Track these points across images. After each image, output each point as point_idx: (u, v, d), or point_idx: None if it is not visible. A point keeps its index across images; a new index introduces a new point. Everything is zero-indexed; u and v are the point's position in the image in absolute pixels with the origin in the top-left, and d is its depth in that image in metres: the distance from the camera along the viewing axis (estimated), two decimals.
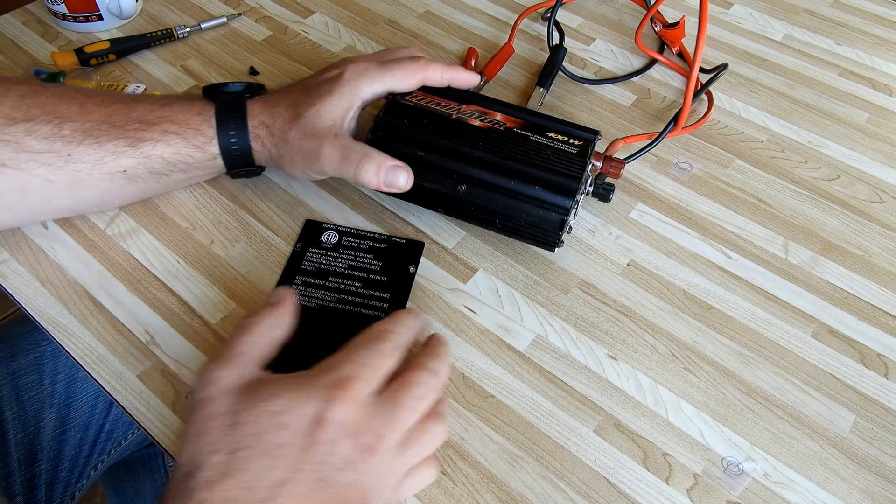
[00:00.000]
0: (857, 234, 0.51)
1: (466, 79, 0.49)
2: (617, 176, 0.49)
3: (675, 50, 0.65)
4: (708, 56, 0.65)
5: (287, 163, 0.45)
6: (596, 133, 0.47)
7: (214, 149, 0.45)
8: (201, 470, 0.28)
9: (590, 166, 0.45)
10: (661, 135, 0.53)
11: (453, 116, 0.47)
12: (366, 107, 0.47)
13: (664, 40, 0.66)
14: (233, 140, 0.45)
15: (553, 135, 0.46)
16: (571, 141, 0.46)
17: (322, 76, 0.47)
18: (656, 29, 0.67)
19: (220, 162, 0.46)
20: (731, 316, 0.46)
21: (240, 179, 0.51)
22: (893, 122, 0.60)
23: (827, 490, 0.38)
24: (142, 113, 0.44)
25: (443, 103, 0.48)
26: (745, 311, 0.46)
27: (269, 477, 0.29)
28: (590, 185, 0.47)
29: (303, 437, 0.30)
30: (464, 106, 0.48)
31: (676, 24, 0.64)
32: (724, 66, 0.61)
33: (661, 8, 0.70)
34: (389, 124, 0.46)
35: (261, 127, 0.45)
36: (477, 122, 0.46)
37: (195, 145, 0.44)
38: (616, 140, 0.53)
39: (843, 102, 0.62)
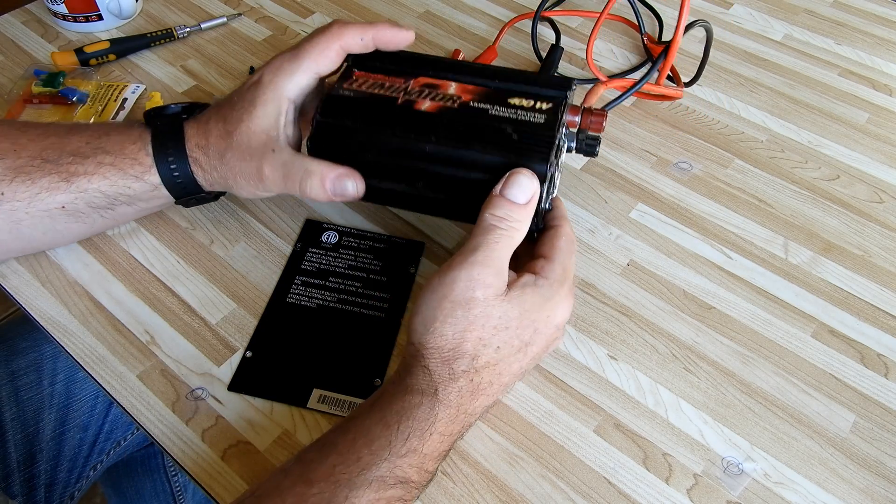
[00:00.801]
0: (857, 234, 0.51)
1: (394, 36, 0.41)
2: (599, 130, 0.43)
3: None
4: (696, 53, 0.65)
5: (232, 185, 0.42)
6: (567, 87, 0.41)
7: (155, 178, 0.41)
8: (476, 359, 0.35)
9: (560, 134, 0.39)
10: (648, 74, 0.52)
11: (399, 101, 0.40)
12: (305, 105, 0.43)
13: (651, 52, 0.64)
14: (173, 168, 0.41)
15: (517, 100, 0.40)
16: (539, 105, 0.40)
17: (246, 83, 0.42)
18: (644, 40, 0.65)
19: (165, 192, 0.42)
20: (731, 316, 0.46)
21: None
22: (893, 122, 0.60)
23: (827, 490, 0.38)
24: (77, 145, 0.41)
25: (387, 83, 0.41)
26: (745, 311, 0.46)
27: (516, 367, 0.37)
28: (571, 143, 0.43)
29: (547, 338, 0.38)
30: (412, 81, 0.41)
31: (664, 42, 0.62)
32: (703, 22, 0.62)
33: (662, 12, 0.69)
34: (327, 128, 0.40)
35: (196, 150, 0.41)
36: (427, 104, 0.40)
37: (133, 176, 0.41)
38: (595, 86, 0.48)
39: (843, 102, 0.62)
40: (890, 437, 0.41)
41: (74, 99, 0.56)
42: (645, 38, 0.65)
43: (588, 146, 0.43)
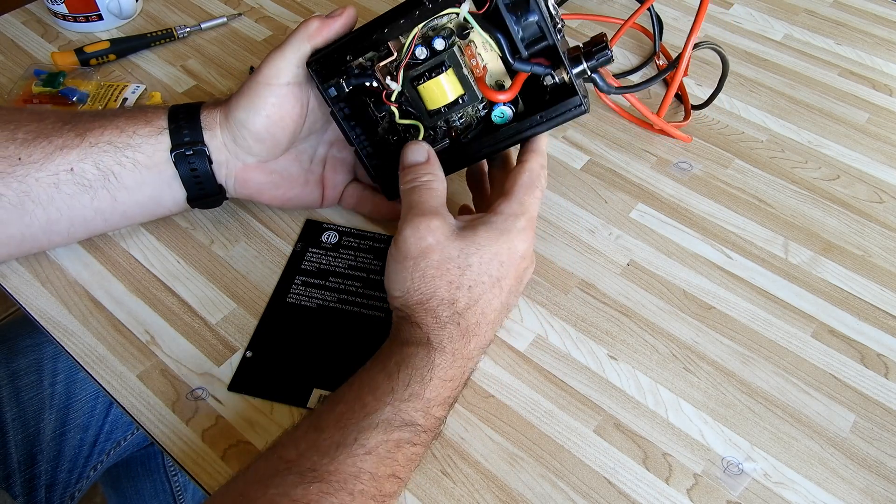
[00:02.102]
0: (857, 234, 0.51)
1: (340, 24, 0.42)
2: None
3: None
4: (707, 58, 0.65)
5: (244, 98, 0.42)
6: None
7: (163, 122, 0.42)
8: (455, 303, 0.37)
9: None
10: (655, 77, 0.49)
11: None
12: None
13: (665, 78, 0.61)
14: (181, 119, 0.43)
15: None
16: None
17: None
18: (659, 62, 0.63)
19: (167, 144, 0.42)
20: (731, 316, 0.46)
21: None
22: (893, 122, 0.60)
23: (827, 490, 0.38)
24: (100, 111, 0.44)
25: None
26: (745, 311, 0.46)
27: (496, 303, 0.39)
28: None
29: (516, 270, 0.39)
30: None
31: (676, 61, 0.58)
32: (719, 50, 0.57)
33: (673, 24, 0.69)
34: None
35: (205, 111, 0.43)
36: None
37: (144, 120, 0.42)
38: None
39: (843, 102, 0.62)
40: (890, 437, 0.41)
41: (74, 99, 0.56)
42: (657, 60, 0.63)
43: (598, 53, 0.39)
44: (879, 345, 0.45)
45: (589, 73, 0.39)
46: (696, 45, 0.53)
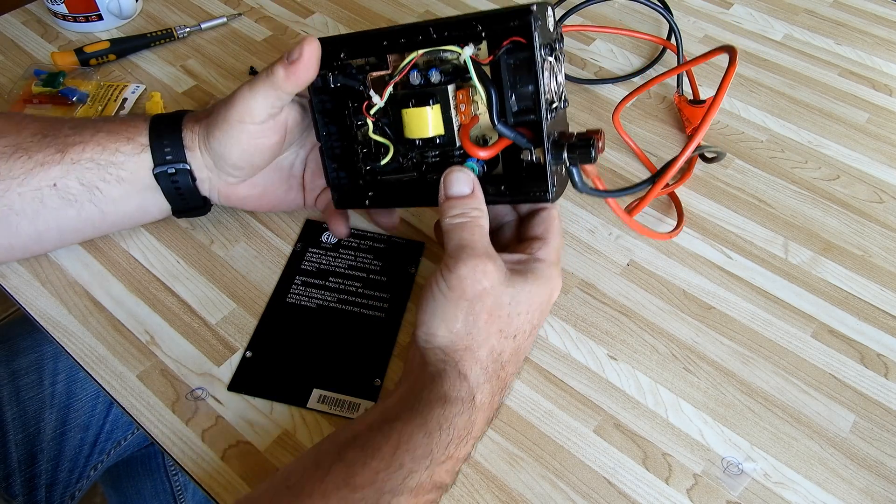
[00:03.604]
0: (857, 234, 0.51)
1: (303, 63, 0.38)
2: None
3: (688, 129, 0.56)
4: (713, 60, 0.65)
5: (218, 130, 0.41)
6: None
7: (144, 138, 0.42)
8: (501, 354, 0.36)
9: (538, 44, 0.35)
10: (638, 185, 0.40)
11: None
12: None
13: (681, 114, 0.58)
14: (164, 136, 0.42)
15: None
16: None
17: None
18: (678, 93, 0.59)
19: (149, 160, 0.42)
20: (731, 316, 0.46)
21: None
22: (893, 122, 0.60)
23: (827, 490, 0.38)
24: (80, 121, 0.42)
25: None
26: (745, 311, 0.46)
27: (526, 351, 0.38)
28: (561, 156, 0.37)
29: (542, 315, 0.38)
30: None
31: (703, 102, 0.55)
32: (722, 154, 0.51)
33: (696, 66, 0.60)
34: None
35: (187, 123, 0.43)
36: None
37: (125, 137, 0.42)
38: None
39: (843, 102, 0.62)
40: (890, 437, 0.41)
41: (74, 99, 0.56)
42: (675, 99, 0.59)
43: (581, 150, 0.37)
44: (879, 345, 0.45)
45: (567, 164, 0.37)
46: (699, 152, 0.46)
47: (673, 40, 0.61)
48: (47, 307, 0.44)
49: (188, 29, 0.64)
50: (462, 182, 0.37)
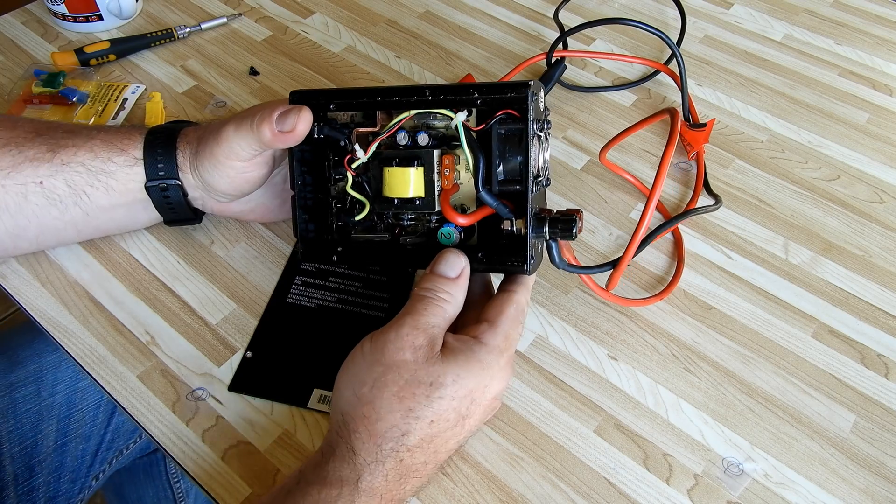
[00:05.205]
0: (857, 235, 0.51)
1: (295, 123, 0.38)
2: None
3: (690, 154, 0.55)
4: (706, 58, 0.65)
5: (207, 162, 0.41)
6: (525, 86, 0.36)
7: (138, 152, 0.42)
8: (406, 435, 0.33)
9: (531, 122, 0.36)
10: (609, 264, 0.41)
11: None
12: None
13: (682, 139, 0.56)
14: (158, 144, 0.42)
15: None
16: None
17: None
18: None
19: (141, 173, 0.42)
20: (731, 316, 0.46)
21: None
22: (893, 122, 0.60)
23: (827, 490, 0.38)
24: (77, 126, 0.42)
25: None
26: (745, 311, 0.46)
27: (452, 443, 0.35)
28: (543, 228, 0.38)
29: (484, 410, 0.35)
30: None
31: (703, 125, 0.53)
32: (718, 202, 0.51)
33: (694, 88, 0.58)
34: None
35: (182, 138, 0.43)
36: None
37: (119, 148, 0.41)
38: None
39: (843, 102, 0.62)
40: (890, 438, 0.41)
41: (74, 99, 0.56)
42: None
43: (563, 225, 0.37)
44: (879, 345, 0.45)
45: (547, 238, 0.38)
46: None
47: (674, 65, 0.58)
48: (47, 307, 0.44)
49: (188, 29, 0.64)
50: (452, 265, 0.36)
